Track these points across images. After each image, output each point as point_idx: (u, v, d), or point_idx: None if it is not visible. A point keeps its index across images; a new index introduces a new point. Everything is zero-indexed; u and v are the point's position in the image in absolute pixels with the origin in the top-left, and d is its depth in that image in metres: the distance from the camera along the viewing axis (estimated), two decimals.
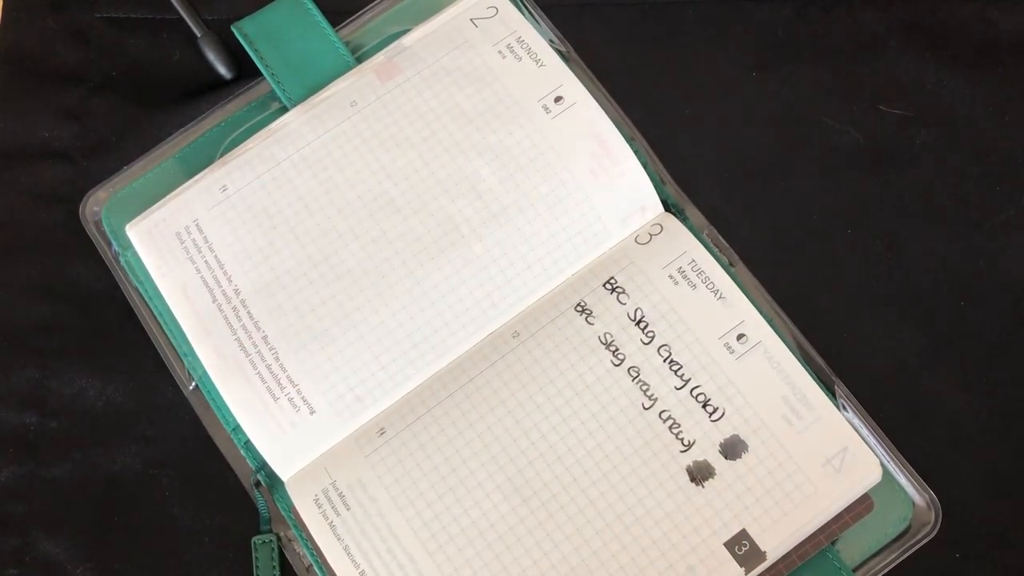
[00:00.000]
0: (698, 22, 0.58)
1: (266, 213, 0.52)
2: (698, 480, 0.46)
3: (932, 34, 0.57)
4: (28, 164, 0.57)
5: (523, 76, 0.53)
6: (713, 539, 0.45)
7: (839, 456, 0.46)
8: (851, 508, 0.46)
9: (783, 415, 0.47)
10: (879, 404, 0.50)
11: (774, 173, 0.55)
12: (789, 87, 0.56)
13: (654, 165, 0.53)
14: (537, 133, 0.52)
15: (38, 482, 0.52)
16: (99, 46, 0.59)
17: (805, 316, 0.51)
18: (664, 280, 0.50)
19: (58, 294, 0.55)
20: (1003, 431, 0.51)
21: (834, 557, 0.47)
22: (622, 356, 0.49)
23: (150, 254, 0.52)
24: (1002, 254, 0.53)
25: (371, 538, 0.47)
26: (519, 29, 0.54)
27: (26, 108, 0.58)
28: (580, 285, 0.50)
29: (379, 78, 0.54)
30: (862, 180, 0.55)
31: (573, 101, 0.53)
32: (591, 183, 0.51)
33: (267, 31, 0.56)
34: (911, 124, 0.55)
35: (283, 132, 0.53)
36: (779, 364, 0.48)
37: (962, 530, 0.49)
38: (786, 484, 0.46)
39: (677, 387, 0.48)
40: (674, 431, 0.47)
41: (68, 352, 0.54)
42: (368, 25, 0.57)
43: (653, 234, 0.51)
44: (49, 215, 0.56)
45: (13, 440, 0.53)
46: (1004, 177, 0.54)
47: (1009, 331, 0.52)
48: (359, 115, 0.53)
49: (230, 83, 0.58)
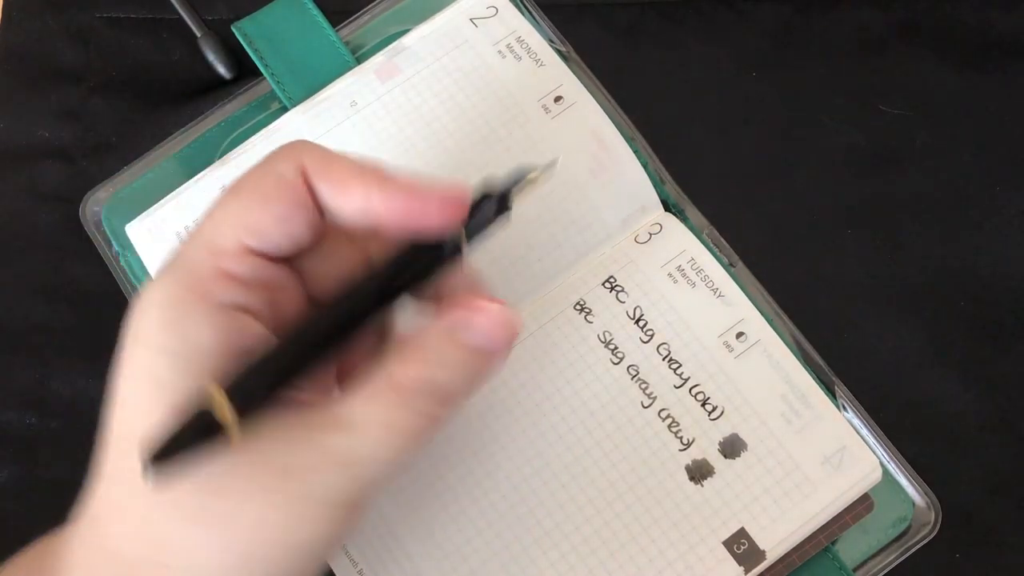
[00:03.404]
0: (698, 22, 0.58)
1: None
2: (697, 479, 0.46)
3: (932, 34, 0.57)
4: (28, 164, 0.57)
5: (523, 76, 0.53)
6: (712, 537, 0.45)
7: (838, 455, 0.46)
8: (851, 508, 0.46)
9: (782, 414, 0.47)
10: (879, 404, 0.50)
11: (774, 173, 0.55)
12: (789, 87, 0.56)
13: (654, 165, 0.53)
14: (537, 133, 0.52)
15: (38, 482, 0.52)
16: (99, 46, 0.59)
17: (805, 316, 0.51)
18: (663, 279, 0.50)
19: (58, 294, 0.55)
20: (1003, 431, 0.51)
21: (834, 557, 0.47)
22: (621, 354, 0.49)
23: (150, 254, 0.52)
24: (1002, 254, 0.53)
25: (367, 533, 0.47)
26: (519, 29, 0.54)
27: (26, 108, 0.58)
28: (579, 284, 0.50)
29: (379, 78, 0.54)
30: (862, 180, 0.55)
31: (573, 101, 0.53)
32: (591, 183, 0.51)
33: (267, 31, 0.56)
34: (911, 124, 0.55)
35: (283, 132, 0.53)
36: (778, 363, 0.48)
37: (962, 530, 0.49)
38: (785, 483, 0.46)
39: (676, 385, 0.48)
40: (673, 430, 0.47)
41: (68, 352, 0.54)
42: (368, 25, 0.57)
43: (653, 233, 0.51)
44: (49, 215, 0.56)
45: (13, 440, 0.52)
46: (1004, 177, 0.54)
47: (1009, 331, 0.52)
48: (359, 115, 0.53)
49: (230, 83, 0.58)
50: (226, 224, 0.37)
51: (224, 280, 0.36)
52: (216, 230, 0.37)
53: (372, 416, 0.36)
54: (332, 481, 0.35)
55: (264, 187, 0.37)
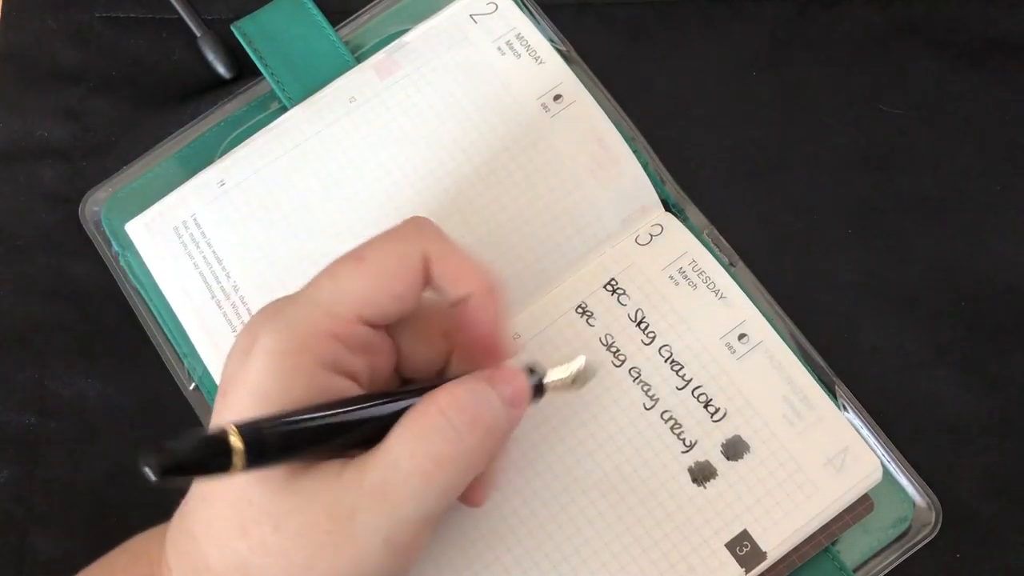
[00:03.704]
0: (698, 22, 0.57)
1: (264, 208, 0.52)
2: (700, 481, 0.46)
3: (932, 34, 0.57)
4: (28, 164, 0.57)
5: (522, 73, 0.53)
6: (715, 539, 0.45)
7: (840, 456, 0.46)
8: (851, 508, 0.46)
9: (784, 415, 0.47)
10: (879, 404, 0.50)
11: (774, 173, 0.55)
12: (789, 87, 0.56)
13: (654, 165, 0.53)
14: (536, 131, 0.52)
15: (38, 482, 0.52)
16: (99, 46, 0.59)
17: (805, 316, 0.51)
18: (665, 281, 0.50)
19: (58, 294, 0.55)
20: (1003, 431, 0.51)
21: (834, 557, 0.47)
22: (623, 357, 0.49)
23: (148, 248, 0.52)
24: (1002, 254, 0.53)
25: None
26: (518, 26, 0.54)
27: (25, 108, 0.57)
28: (580, 287, 0.50)
29: (378, 75, 0.54)
30: (862, 180, 0.55)
31: (572, 99, 0.53)
32: (591, 183, 0.51)
33: (267, 31, 0.56)
34: (911, 124, 0.55)
35: (281, 128, 0.53)
36: (780, 364, 0.48)
37: (962, 530, 0.49)
38: (787, 484, 0.46)
39: (679, 387, 0.48)
40: (676, 432, 0.47)
41: (68, 352, 0.54)
42: (368, 25, 0.57)
43: (653, 234, 0.51)
44: (49, 215, 0.56)
45: (13, 440, 0.52)
46: (1004, 177, 0.54)
47: (1009, 331, 0.52)
48: (358, 111, 0.53)
49: (230, 83, 0.58)
50: (348, 295, 0.39)
51: (335, 344, 0.39)
52: (336, 298, 0.39)
53: (404, 446, 0.37)
54: (372, 520, 0.37)
55: (389, 267, 0.40)
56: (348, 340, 0.39)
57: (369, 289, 0.39)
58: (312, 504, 0.37)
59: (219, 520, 0.38)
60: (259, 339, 0.38)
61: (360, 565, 0.37)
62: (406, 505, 0.37)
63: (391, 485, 0.37)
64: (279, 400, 0.37)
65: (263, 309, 0.40)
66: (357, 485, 0.37)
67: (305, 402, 0.37)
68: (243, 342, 0.39)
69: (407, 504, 0.37)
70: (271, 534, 0.37)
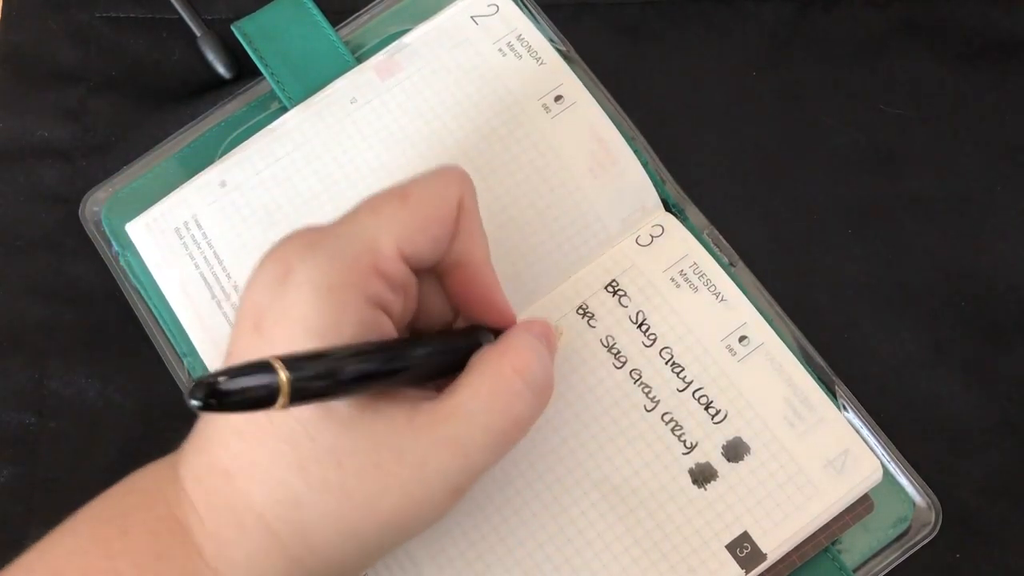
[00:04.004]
0: (698, 22, 0.57)
1: (265, 209, 0.52)
2: (700, 482, 0.46)
3: (932, 34, 0.57)
4: (28, 164, 0.56)
5: (523, 74, 0.53)
6: (715, 541, 0.46)
7: (841, 457, 0.46)
8: (852, 508, 0.46)
9: (785, 417, 0.47)
10: (879, 404, 0.50)
11: (774, 173, 0.55)
12: (789, 87, 0.56)
13: (654, 165, 0.53)
14: (536, 131, 0.52)
15: (38, 482, 0.52)
16: (99, 46, 0.59)
17: (805, 316, 0.51)
18: (666, 283, 0.50)
19: (58, 294, 0.55)
20: (1003, 431, 0.51)
21: (834, 557, 0.47)
22: (624, 359, 0.49)
23: (149, 249, 0.52)
24: (1002, 254, 0.53)
25: None
26: (519, 27, 0.54)
27: (26, 108, 0.57)
28: (581, 288, 0.50)
29: (379, 76, 0.54)
30: (862, 180, 0.55)
31: (573, 100, 0.53)
32: (591, 183, 0.51)
33: (267, 31, 0.56)
34: (911, 124, 0.55)
35: (282, 129, 0.53)
36: (781, 366, 0.48)
37: (962, 530, 0.49)
38: (788, 486, 0.46)
39: (679, 389, 0.48)
40: (676, 433, 0.47)
41: (68, 352, 0.54)
42: (368, 25, 0.57)
43: (654, 235, 0.51)
44: (49, 215, 0.56)
45: (13, 440, 0.52)
46: (1004, 177, 0.54)
47: (1009, 331, 0.52)
48: (359, 112, 0.53)
49: (230, 83, 0.57)
50: (391, 228, 0.39)
51: (378, 278, 0.38)
52: (380, 230, 0.39)
53: (481, 403, 0.39)
54: (445, 469, 0.38)
55: (430, 207, 0.40)
56: (391, 277, 0.39)
57: (412, 228, 0.39)
58: (380, 447, 0.37)
59: (269, 456, 0.37)
60: (297, 270, 0.37)
61: (423, 506, 0.38)
62: (480, 459, 0.39)
63: (468, 439, 0.38)
64: (329, 336, 0.37)
65: (291, 238, 0.39)
66: (430, 434, 0.38)
67: (355, 339, 0.37)
68: (274, 270, 0.38)
69: (481, 458, 0.39)
70: (333, 471, 0.37)
